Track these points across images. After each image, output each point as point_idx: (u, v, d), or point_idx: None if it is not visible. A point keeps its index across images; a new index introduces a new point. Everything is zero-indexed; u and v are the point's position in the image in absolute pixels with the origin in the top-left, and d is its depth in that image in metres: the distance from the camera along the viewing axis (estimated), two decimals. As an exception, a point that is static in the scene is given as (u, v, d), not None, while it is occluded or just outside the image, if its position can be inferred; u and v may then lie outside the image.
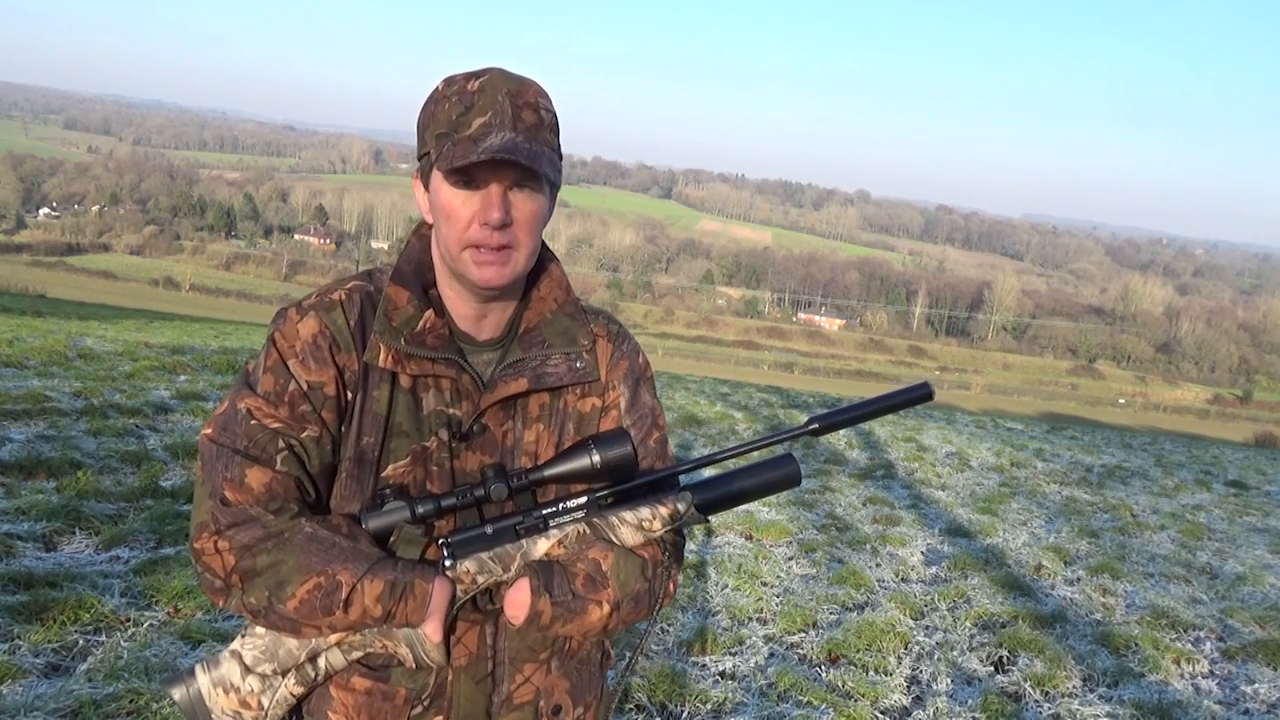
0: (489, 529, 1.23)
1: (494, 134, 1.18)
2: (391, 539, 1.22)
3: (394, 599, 1.16)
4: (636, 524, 1.25)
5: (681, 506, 1.27)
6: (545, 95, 1.25)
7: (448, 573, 1.21)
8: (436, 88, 1.24)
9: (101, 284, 65.94)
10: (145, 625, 3.51)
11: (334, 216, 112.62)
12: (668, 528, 1.27)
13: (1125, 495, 8.73)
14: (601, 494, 1.26)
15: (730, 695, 3.60)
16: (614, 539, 1.26)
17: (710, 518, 1.32)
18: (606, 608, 1.24)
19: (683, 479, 1.33)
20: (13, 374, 7.34)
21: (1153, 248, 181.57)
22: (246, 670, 1.22)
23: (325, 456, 1.24)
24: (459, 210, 1.21)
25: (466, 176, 1.20)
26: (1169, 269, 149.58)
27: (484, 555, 1.21)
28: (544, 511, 1.24)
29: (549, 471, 1.24)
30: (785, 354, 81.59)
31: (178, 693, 1.22)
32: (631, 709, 3.44)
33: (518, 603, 1.21)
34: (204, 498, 1.19)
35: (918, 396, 1.28)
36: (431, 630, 1.19)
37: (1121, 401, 75.26)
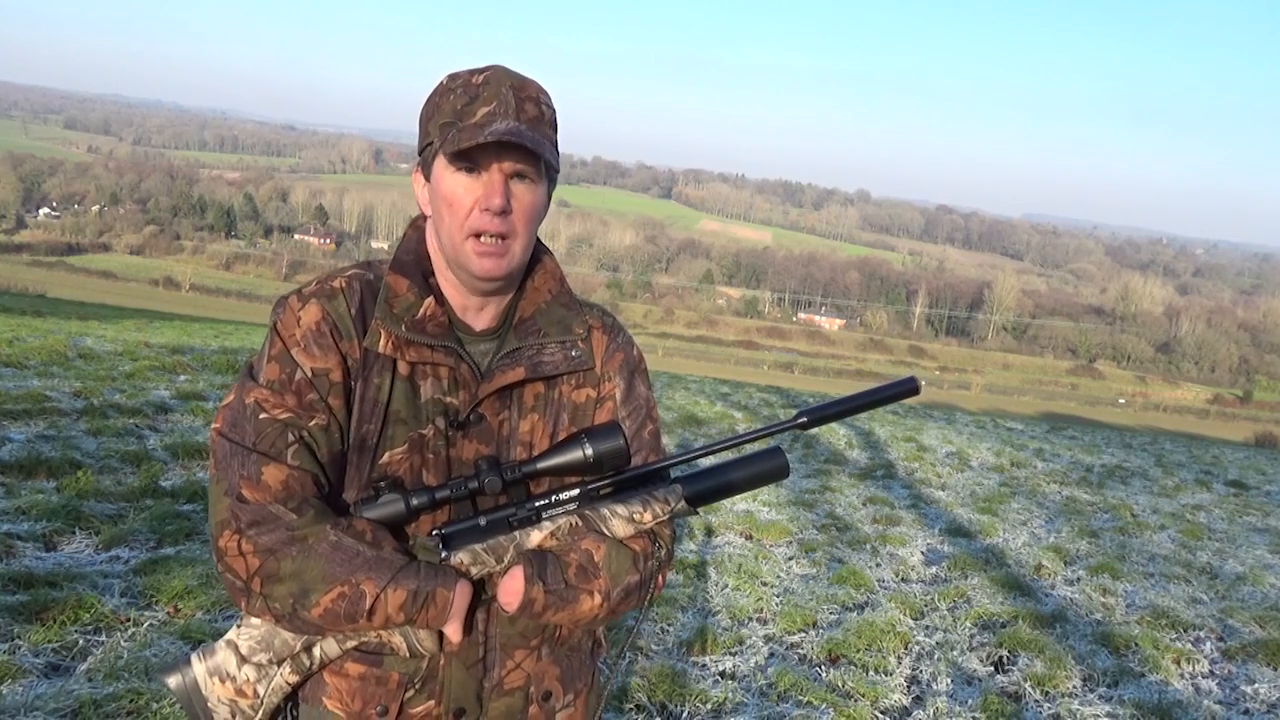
0: (483, 521, 1.24)
1: (498, 120, 1.21)
2: (410, 544, 1.24)
3: (416, 607, 1.18)
4: (628, 516, 1.27)
5: (672, 500, 1.29)
6: (546, 93, 1.29)
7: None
8: (440, 82, 1.26)
9: (101, 284, 65.91)
10: (145, 625, 3.51)
11: (334, 216, 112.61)
12: (658, 520, 1.29)
13: (1125, 495, 8.72)
14: (594, 486, 1.28)
15: (730, 695, 3.60)
16: (606, 531, 1.27)
17: (701, 510, 1.34)
18: (598, 597, 1.25)
19: (673, 472, 1.34)
20: (13, 374, 7.33)
21: (1153, 248, 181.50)
22: (242, 660, 1.23)
23: (334, 444, 1.24)
24: (461, 197, 1.23)
25: (470, 162, 1.22)
26: (1169, 269, 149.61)
27: (477, 547, 1.23)
28: (537, 504, 1.26)
29: (542, 464, 1.26)
30: (785, 354, 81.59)
31: (173, 680, 1.23)
32: (631, 709, 3.44)
33: (511, 590, 1.23)
34: (220, 495, 1.19)
35: (904, 391, 1.30)
36: (452, 633, 1.23)
37: (1121, 401, 75.24)
